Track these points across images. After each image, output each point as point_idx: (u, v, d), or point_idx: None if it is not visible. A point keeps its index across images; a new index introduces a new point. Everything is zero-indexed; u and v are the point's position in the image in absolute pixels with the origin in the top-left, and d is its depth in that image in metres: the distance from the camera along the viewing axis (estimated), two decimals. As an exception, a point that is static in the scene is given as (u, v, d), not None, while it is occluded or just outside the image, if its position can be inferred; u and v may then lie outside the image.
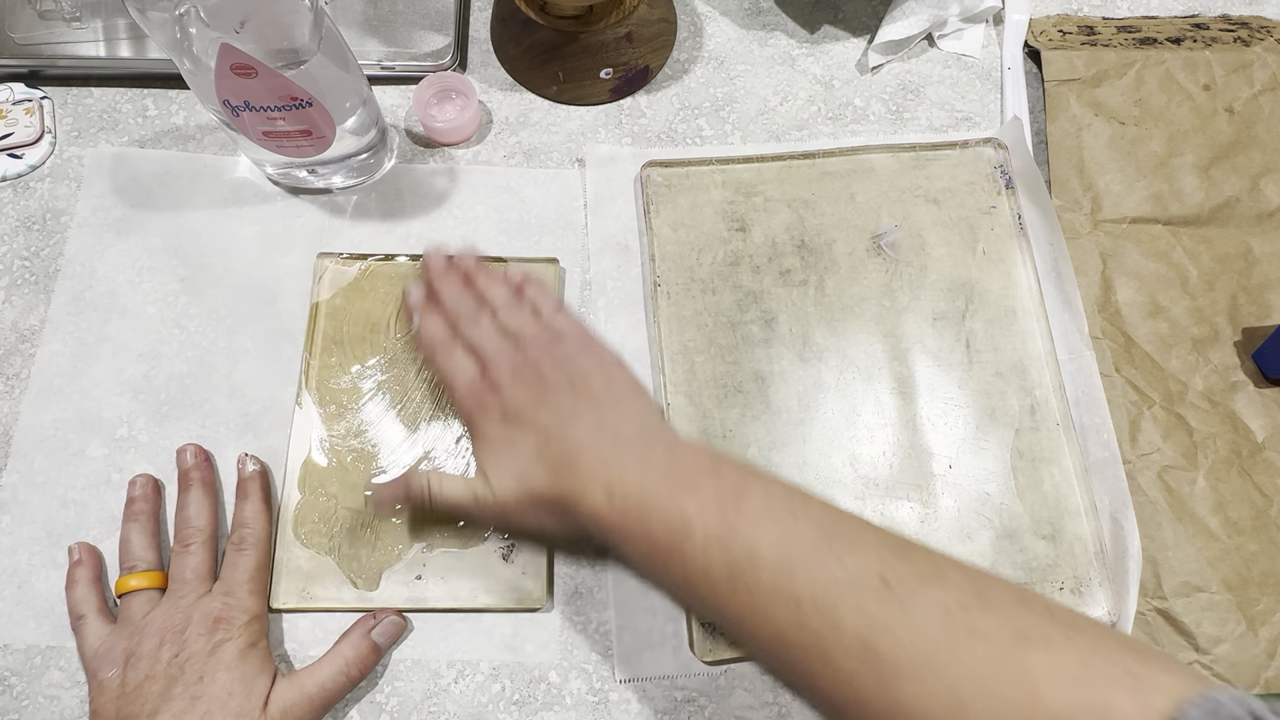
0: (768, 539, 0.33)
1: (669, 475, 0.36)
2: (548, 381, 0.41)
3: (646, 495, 0.36)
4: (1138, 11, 0.61)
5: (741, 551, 0.33)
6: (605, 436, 0.38)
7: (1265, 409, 0.49)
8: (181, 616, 0.41)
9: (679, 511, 0.35)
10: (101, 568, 0.45)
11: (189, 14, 0.41)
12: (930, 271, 0.52)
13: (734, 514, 0.34)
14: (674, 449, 0.38)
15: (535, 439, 0.39)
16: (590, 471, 0.37)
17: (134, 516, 0.45)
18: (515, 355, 0.43)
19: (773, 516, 0.34)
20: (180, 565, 0.43)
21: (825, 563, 0.32)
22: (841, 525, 0.34)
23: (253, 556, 0.43)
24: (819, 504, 0.35)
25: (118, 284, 0.51)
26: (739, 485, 0.35)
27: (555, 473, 0.38)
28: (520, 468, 0.39)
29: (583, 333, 0.44)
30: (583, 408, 0.40)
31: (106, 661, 0.40)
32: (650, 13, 0.56)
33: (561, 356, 0.42)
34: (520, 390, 0.41)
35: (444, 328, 0.45)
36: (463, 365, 0.43)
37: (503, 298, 0.46)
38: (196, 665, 0.39)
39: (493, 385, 0.42)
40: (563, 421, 0.39)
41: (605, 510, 0.36)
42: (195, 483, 0.45)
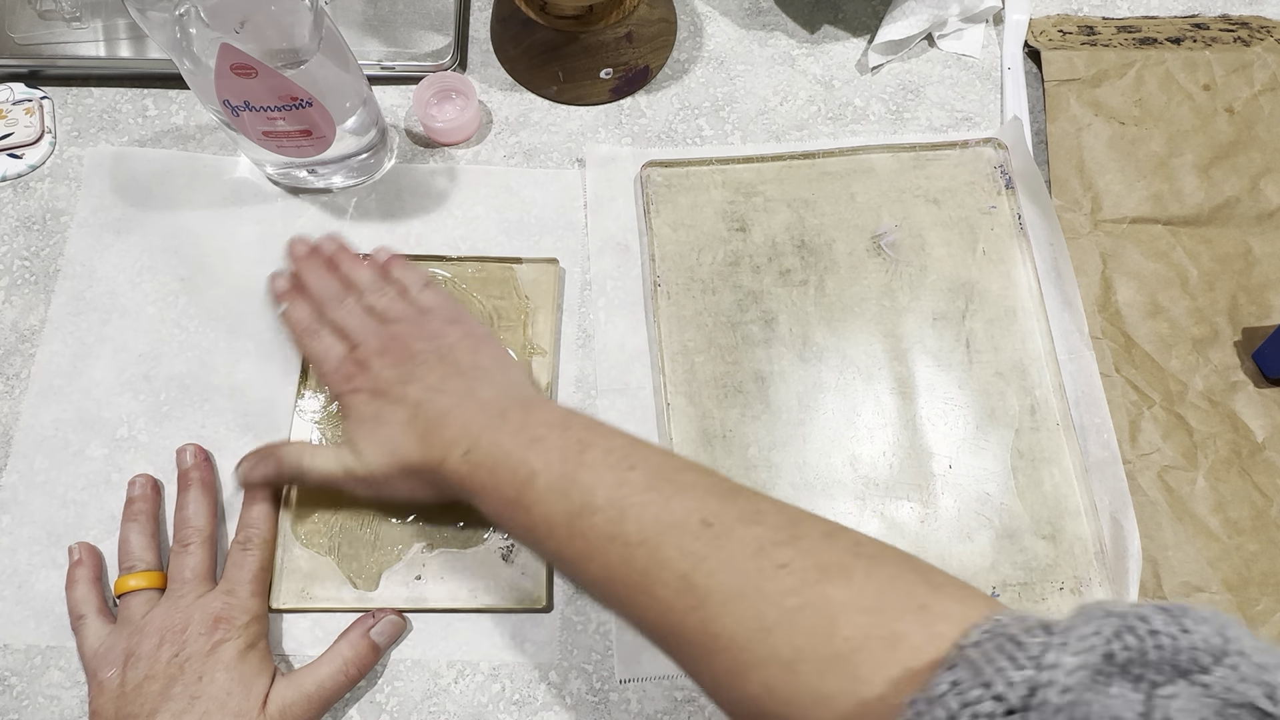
0: (603, 486, 0.35)
1: (520, 432, 0.38)
2: (415, 356, 0.42)
3: (498, 452, 0.38)
4: (1138, 11, 0.61)
5: (579, 498, 0.35)
6: (470, 403, 0.40)
7: (1265, 409, 0.49)
8: (181, 616, 0.41)
9: (525, 464, 0.37)
10: (101, 568, 0.45)
11: (189, 14, 0.41)
12: (930, 271, 0.52)
13: (575, 465, 0.36)
14: (530, 409, 0.40)
15: (404, 411, 0.40)
16: (453, 436, 0.39)
17: (133, 516, 0.45)
18: (382, 333, 0.44)
19: (610, 466, 0.36)
20: (179, 565, 0.43)
21: (653, 507, 0.34)
22: (673, 473, 0.36)
23: (257, 557, 0.43)
24: (658, 454, 0.37)
25: (118, 284, 0.51)
26: (583, 438, 0.37)
27: (423, 441, 0.39)
28: (389, 439, 0.40)
29: (450, 307, 0.46)
30: (450, 378, 0.41)
31: (106, 661, 0.40)
32: (650, 13, 0.56)
33: (429, 331, 0.44)
34: (388, 366, 0.42)
35: (310, 312, 0.46)
36: (330, 346, 0.44)
37: (368, 280, 0.47)
38: (196, 665, 0.39)
39: (360, 363, 0.43)
40: (430, 393, 0.41)
41: (463, 469, 0.38)
42: (194, 483, 0.45)
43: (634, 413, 0.49)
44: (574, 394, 0.50)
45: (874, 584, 0.30)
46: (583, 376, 0.50)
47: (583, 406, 0.49)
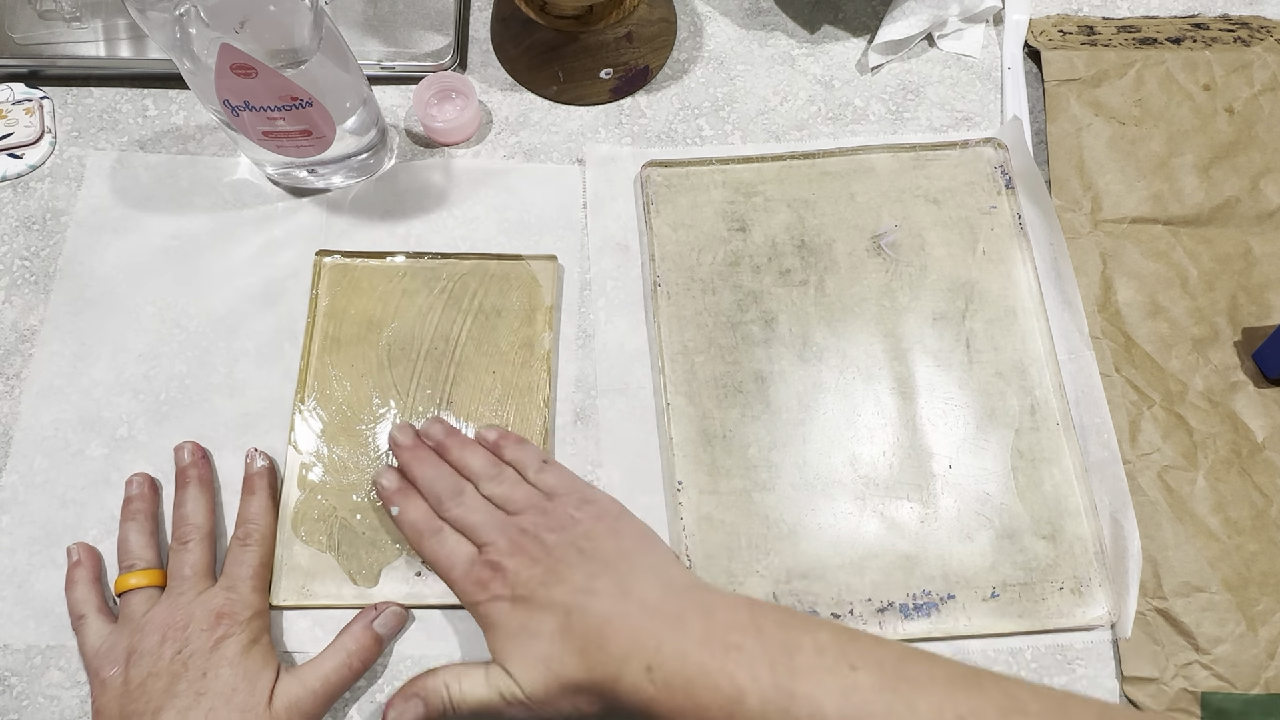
0: (830, 697, 0.32)
1: (709, 641, 0.34)
2: (552, 551, 0.39)
3: (689, 667, 0.34)
4: (1138, 11, 0.61)
5: (803, 713, 0.32)
6: (631, 605, 0.36)
7: (1265, 409, 0.49)
8: (183, 613, 0.41)
9: (729, 680, 0.33)
10: (101, 567, 0.45)
11: (189, 14, 0.41)
12: (930, 271, 0.52)
13: (787, 675, 0.33)
14: (707, 608, 0.36)
15: (555, 620, 0.37)
16: (623, 649, 0.35)
17: (132, 515, 0.45)
18: (510, 527, 0.40)
19: (829, 670, 0.33)
20: (179, 562, 0.43)
21: (897, 711, 0.31)
22: (903, 666, 0.33)
23: (257, 553, 0.43)
24: (874, 645, 0.34)
25: (117, 284, 0.51)
26: (786, 641, 0.34)
27: (584, 656, 0.35)
28: (545, 655, 0.36)
29: (576, 485, 0.43)
30: (598, 574, 0.38)
31: (108, 660, 0.40)
32: (650, 13, 0.56)
33: (560, 519, 0.40)
34: (524, 566, 0.39)
35: (426, 511, 0.42)
36: (457, 549, 0.41)
37: (482, 466, 0.43)
38: (199, 661, 0.39)
39: (493, 566, 0.39)
40: (581, 595, 0.37)
41: (648, 690, 0.34)
42: (193, 480, 0.45)
43: (634, 413, 0.49)
44: (574, 394, 0.50)
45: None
46: (583, 376, 0.50)
47: (583, 407, 0.49)
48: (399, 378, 0.49)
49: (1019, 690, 0.32)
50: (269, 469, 0.46)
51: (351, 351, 0.49)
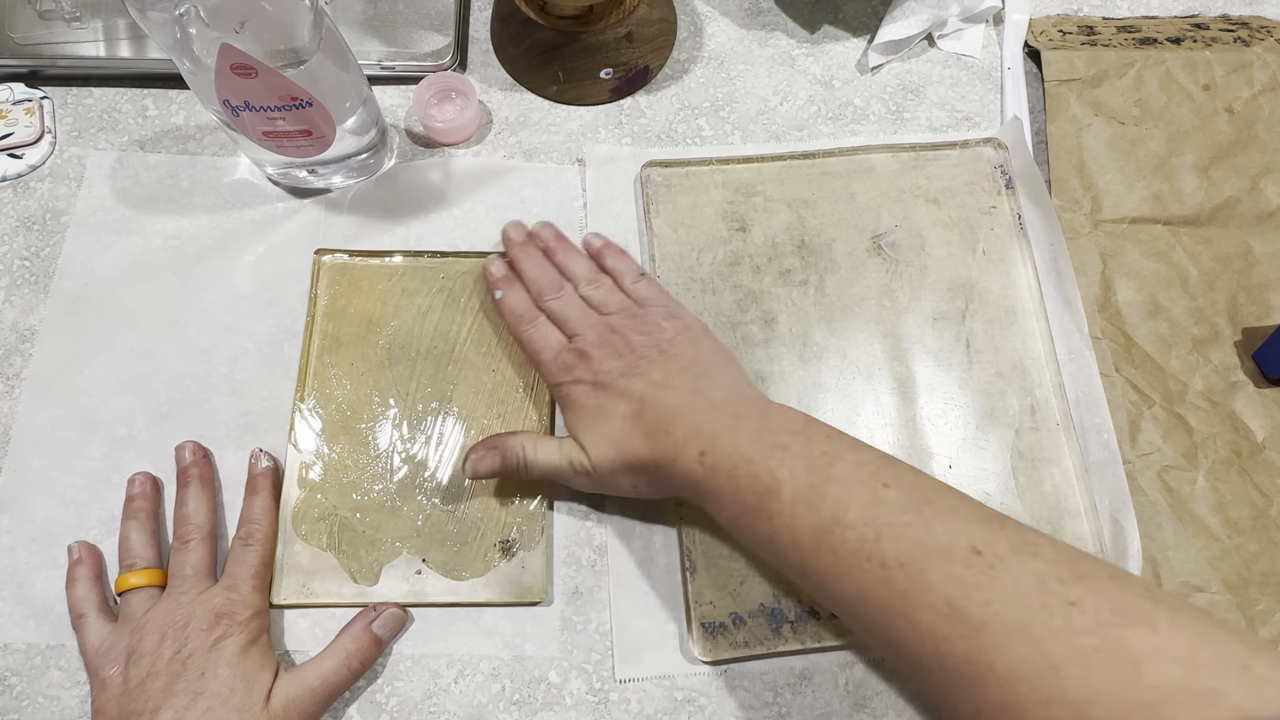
0: (856, 503, 0.34)
1: (760, 437, 0.37)
2: (636, 349, 0.42)
3: (737, 457, 0.37)
4: (1138, 11, 0.61)
5: (828, 513, 0.34)
6: (699, 401, 0.39)
7: (1265, 409, 0.49)
8: (183, 613, 0.41)
9: (768, 472, 0.36)
10: (101, 566, 0.45)
11: (189, 14, 0.41)
12: (930, 271, 0.52)
13: (823, 477, 0.35)
14: (766, 412, 0.39)
15: (629, 406, 0.40)
16: (685, 435, 0.38)
17: (133, 514, 0.45)
18: (600, 324, 0.44)
19: (861, 481, 0.35)
20: (180, 562, 0.43)
21: (914, 528, 0.33)
22: (932, 494, 0.35)
23: (258, 553, 0.43)
24: (910, 472, 0.36)
25: (117, 283, 0.51)
26: (829, 449, 0.36)
27: (650, 438, 0.39)
28: (615, 434, 0.40)
29: (666, 300, 0.46)
30: (674, 374, 0.41)
31: (108, 659, 0.40)
32: (650, 13, 0.56)
33: (647, 324, 0.43)
34: (609, 358, 0.42)
35: (527, 300, 0.46)
36: (548, 335, 0.45)
37: (583, 269, 0.47)
38: (198, 661, 0.39)
39: (580, 353, 0.43)
40: (656, 388, 0.40)
41: (698, 471, 0.38)
42: (194, 479, 0.45)
43: (634, 412, 0.50)
44: (574, 394, 0.50)
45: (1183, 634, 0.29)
46: (583, 376, 0.50)
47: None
48: (399, 377, 0.49)
49: (1036, 536, 0.33)
50: (273, 469, 0.46)
51: (351, 351, 0.49)
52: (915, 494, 0.34)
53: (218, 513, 0.46)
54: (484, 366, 0.49)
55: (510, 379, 0.49)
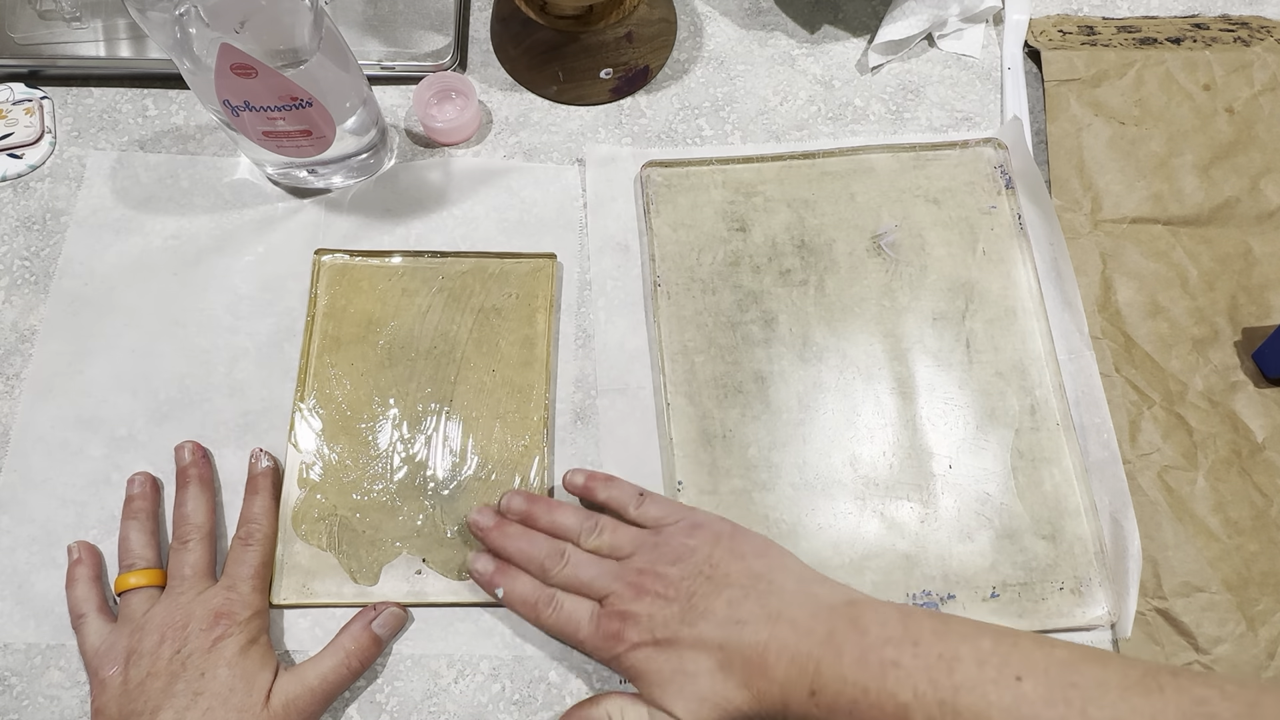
0: (997, 710, 0.31)
1: (865, 660, 0.34)
2: (679, 585, 0.38)
3: (851, 689, 0.34)
4: (1138, 11, 0.61)
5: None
6: (783, 628, 0.36)
7: (1265, 409, 0.49)
8: (182, 613, 0.41)
9: (891, 699, 0.33)
10: (101, 566, 0.45)
11: (189, 14, 0.41)
12: (930, 271, 0.52)
13: (950, 690, 0.32)
14: (858, 623, 0.35)
15: (709, 657, 0.36)
16: (786, 675, 0.35)
17: (133, 515, 0.45)
18: (626, 571, 0.39)
19: (993, 682, 0.32)
20: (179, 562, 0.43)
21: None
22: (1073, 674, 0.32)
23: (258, 553, 0.43)
24: (1038, 650, 0.33)
25: (117, 284, 0.51)
26: (944, 652, 0.33)
27: (748, 687, 0.35)
28: (708, 693, 0.36)
29: (680, 511, 0.41)
30: (738, 601, 0.37)
31: (108, 660, 0.40)
32: (650, 13, 0.56)
33: (675, 551, 0.39)
34: (656, 607, 0.37)
35: (533, 583, 0.41)
36: (577, 610, 0.39)
37: (576, 520, 0.42)
38: (198, 661, 0.39)
39: (621, 615, 0.38)
40: (731, 627, 0.36)
41: (814, 713, 0.34)
42: (193, 479, 0.45)
43: (634, 413, 0.49)
44: (574, 394, 0.50)
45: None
46: (582, 376, 0.50)
47: (583, 407, 0.49)
48: (399, 377, 0.49)
49: (1204, 690, 0.30)
50: (273, 469, 0.46)
51: (351, 351, 0.49)
52: (1053, 678, 0.31)
53: (218, 513, 0.46)
54: (484, 366, 0.49)
55: (510, 379, 0.49)
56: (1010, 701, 0.31)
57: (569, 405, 0.49)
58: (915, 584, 0.45)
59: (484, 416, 0.48)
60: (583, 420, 0.49)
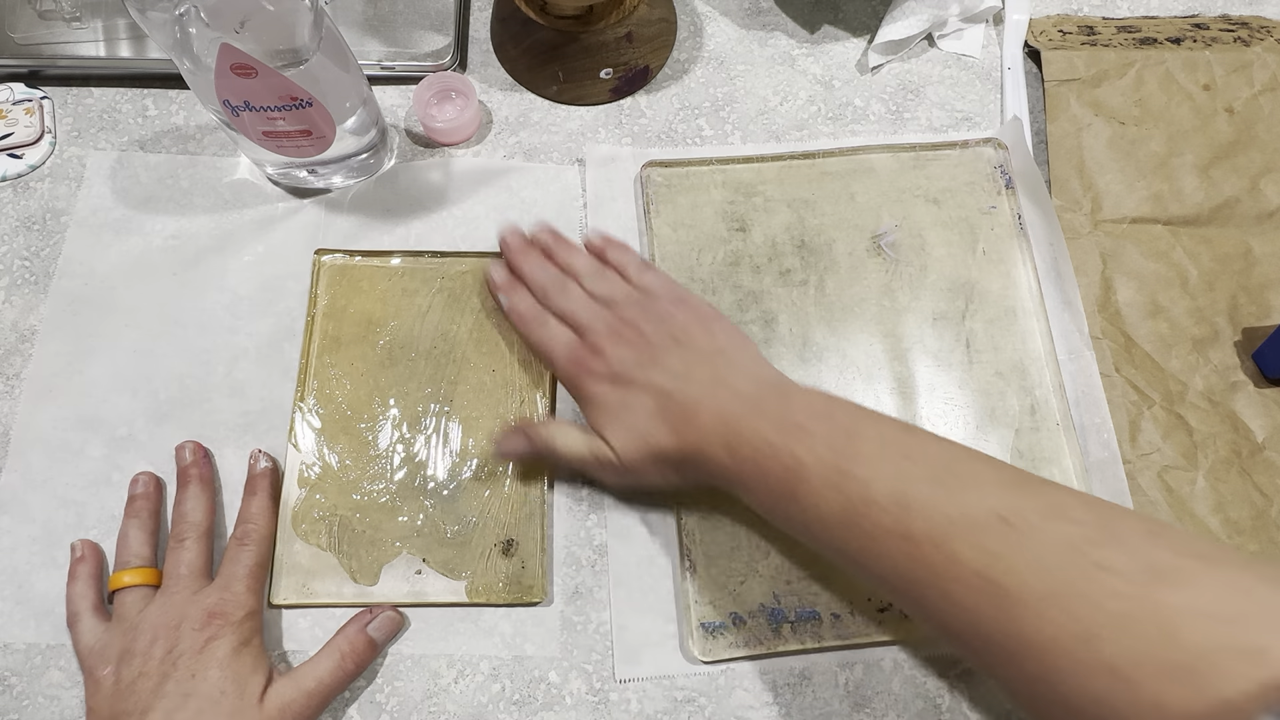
0: (881, 480, 0.34)
1: (783, 422, 0.37)
2: (650, 340, 0.42)
3: (762, 444, 0.37)
4: (1138, 11, 0.61)
5: (855, 493, 0.34)
6: (721, 390, 0.40)
7: (1265, 409, 0.49)
8: (175, 613, 0.41)
9: (793, 457, 0.36)
10: (103, 565, 0.45)
11: (189, 14, 0.41)
12: (930, 271, 0.52)
13: (847, 457, 0.35)
14: (787, 395, 0.39)
15: (651, 399, 0.40)
16: (710, 426, 0.38)
17: (134, 513, 0.45)
18: (611, 317, 0.43)
19: (886, 458, 0.35)
20: (174, 561, 0.43)
21: (940, 502, 0.33)
22: (956, 463, 0.35)
23: (254, 553, 0.43)
24: (933, 442, 0.36)
25: (117, 284, 0.51)
26: (851, 427, 0.36)
27: (676, 431, 0.39)
28: (640, 427, 0.40)
29: (674, 288, 0.45)
30: (693, 363, 0.41)
31: (101, 659, 0.40)
32: (650, 13, 0.56)
33: (658, 313, 0.43)
34: (623, 350, 0.42)
35: (533, 302, 0.46)
36: (559, 334, 0.44)
37: (586, 265, 0.47)
38: (189, 661, 0.39)
39: (594, 349, 0.43)
40: (677, 379, 0.40)
41: (725, 461, 0.38)
42: (193, 479, 0.45)
43: (634, 412, 0.50)
44: (574, 394, 0.50)
45: (1220, 589, 0.28)
46: (583, 376, 0.50)
47: (583, 406, 0.49)
48: (399, 377, 0.49)
49: (1067, 497, 0.32)
50: (272, 470, 0.46)
51: (351, 351, 0.49)
52: (939, 464, 0.34)
53: (219, 513, 0.46)
54: (484, 366, 0.49)
55: (510, 379, 0.49)
56: (894, 474, 0.34)
57: (570, 405, 0.49)
58: (915, 584, 0.45)
59: (484, 416, 0.48)
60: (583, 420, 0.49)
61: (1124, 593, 0.28)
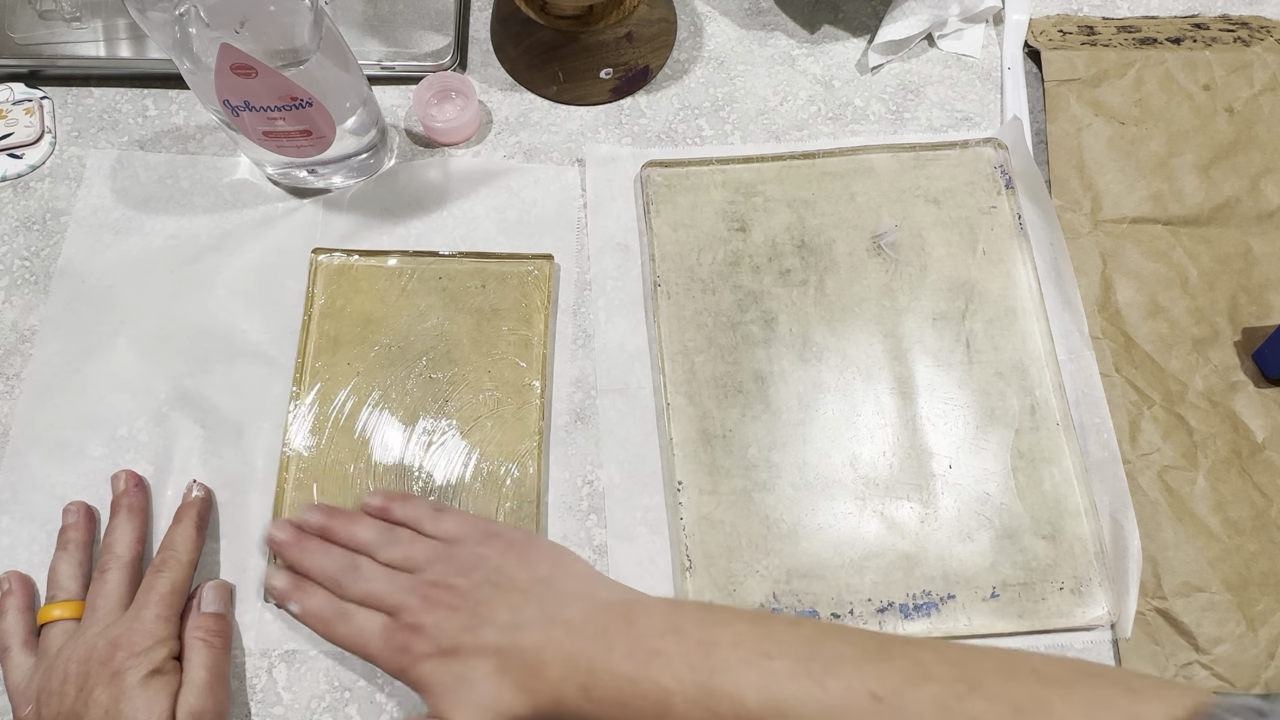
0: (748, 689, 0.33)
1: (634, 651, 0.35)
2: (468, 595, 0.38)
3: (619, 680, 0.35)
4: (1138, 11, 0.61)
5: (727, 710, 0.33)
6: (558, 630, 0.37)
7: (1265, 409, 0.49)
8: (85, 648, 0.39)
9: (654, 686, 0.34)
10: (33, 598, 0.44)
11: (189, 14, 0.41)
12: (930, 271, 0.52)
13: (706, 673, 0.34)
14: (629, 618, 0.36)
15: (488, 663, 0.36)
16: (560, 674, 0.35)
17: (63, 545, 0.44)
18: (418, 584, 0.39)
19: (746, 662, 0.34)
20: (93, 594, 0.42)
21: (812, 695, 0.32)
22: (816, 649, 0.34)
23: (169, 579, 0.42)
24: (788, 630, 0.35)
25: (117, 284, 0.51)
26: (704, 638, 0.35)
27: (526, 689, 0.36)
28: (486, 699, 0.36)
29: (477, 524, 0.42)
30: (520, 606, 0.38)
31: (25, 698, 0.40)
32: (650, 13, 0.56)
33: (467, 562, 0.39)
34: (444, 618, 0.38)
35: (327, 597, 0.40)
36: (367, 624, 0.39)
37: (373, 534, 0.42)
38: (100, 697, 0.38)
39: (410, 627, 0.38)
40: (509, 632, 0.37)
41: (587, 708, 0.35)
42: (122, 509, 0.44)
43: (634, 413, 0.49)
44: (574, 394, 0.50)
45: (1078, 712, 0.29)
46: (582, 376, 0.50)
47: (583, 407, 0.49)
48: (396, 377, 0.49)
49: (924, 654, 0.33)
50: (204, 500, 0.45)
51: (349, 351, 0.49)
52: (800, 654, 0.34)
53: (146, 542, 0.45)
54: (482, 367, 0.49)
55: (508, 379, 0.49)
56: (760, 679, 0.33)
57: (569, 405, 0.49)
58: (915, 584, 0.45)
59: (481, 417, 0.48)
60: (582, 420, 0.49)
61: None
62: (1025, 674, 0.31)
